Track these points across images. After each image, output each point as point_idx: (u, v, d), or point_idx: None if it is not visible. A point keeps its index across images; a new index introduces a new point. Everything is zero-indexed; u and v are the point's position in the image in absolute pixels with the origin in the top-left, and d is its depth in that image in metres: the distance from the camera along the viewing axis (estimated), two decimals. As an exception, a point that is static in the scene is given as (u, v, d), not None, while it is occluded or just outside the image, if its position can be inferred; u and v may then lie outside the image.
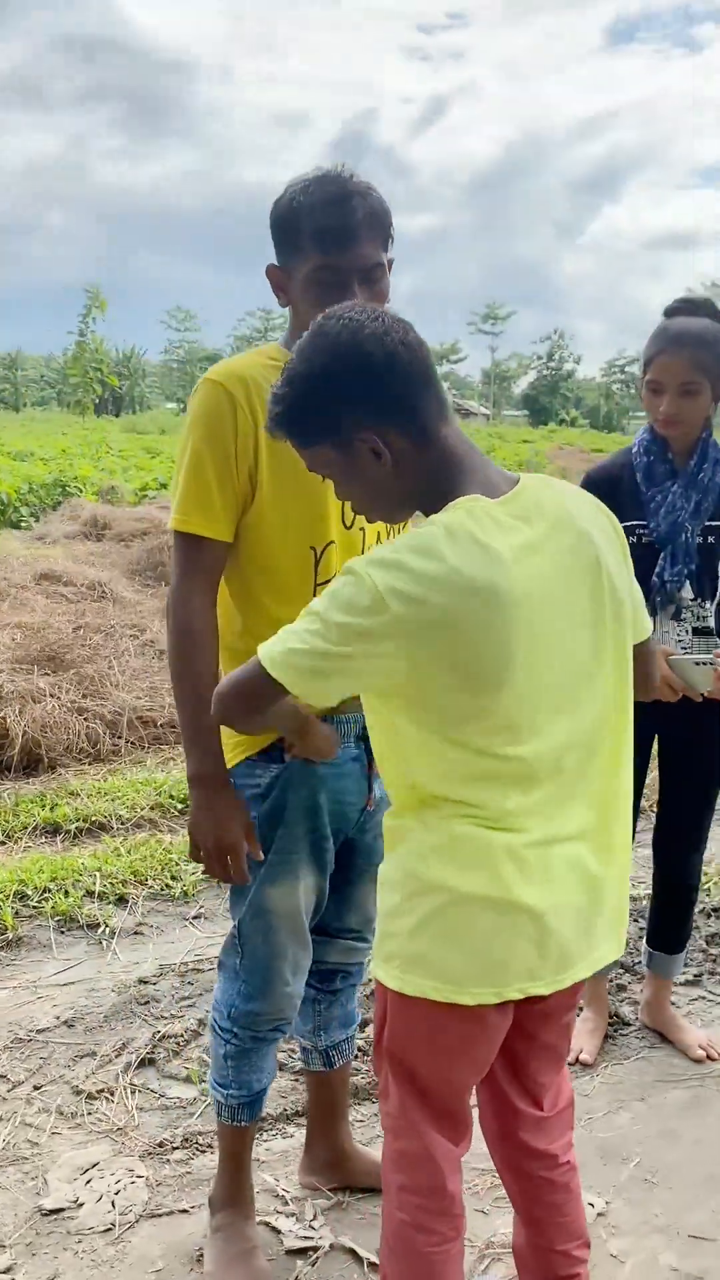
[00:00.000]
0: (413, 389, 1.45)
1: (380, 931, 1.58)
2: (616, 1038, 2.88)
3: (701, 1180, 2.33)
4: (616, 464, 2.64)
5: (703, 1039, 2.80)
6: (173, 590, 1.84)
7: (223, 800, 1.83)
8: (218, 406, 1.80)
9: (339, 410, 1.45)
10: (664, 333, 2.46)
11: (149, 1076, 2.69)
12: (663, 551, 2.54)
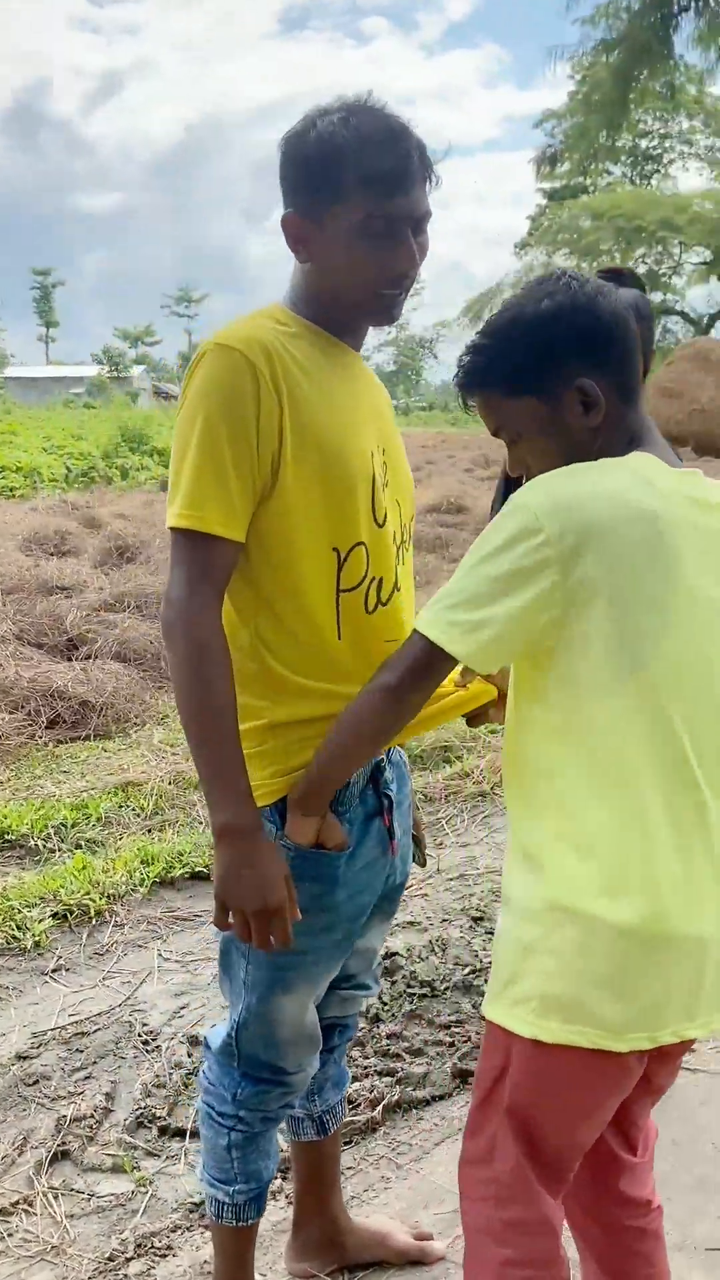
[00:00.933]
0: (630, 350, 1.41)
1: (507, 970, 1.38)
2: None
3: (694, 1186, 2.26)
4: None
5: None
6: (179, 602, 1.48)
7: (264, 853, 1.50)
8: (237, 378, 1.46)
9: (562, 357, 1.38)
10: None
11: (68, 1174, 2.29)
12: None
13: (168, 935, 3.28)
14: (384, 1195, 2.23)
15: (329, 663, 1.57)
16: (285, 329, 1.54)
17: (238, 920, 1.51)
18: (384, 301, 1.58)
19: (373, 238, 1.50)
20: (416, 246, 1.52)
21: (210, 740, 1.48)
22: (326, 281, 1.55)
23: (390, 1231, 2.05)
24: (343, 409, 1.60)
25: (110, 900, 3.42)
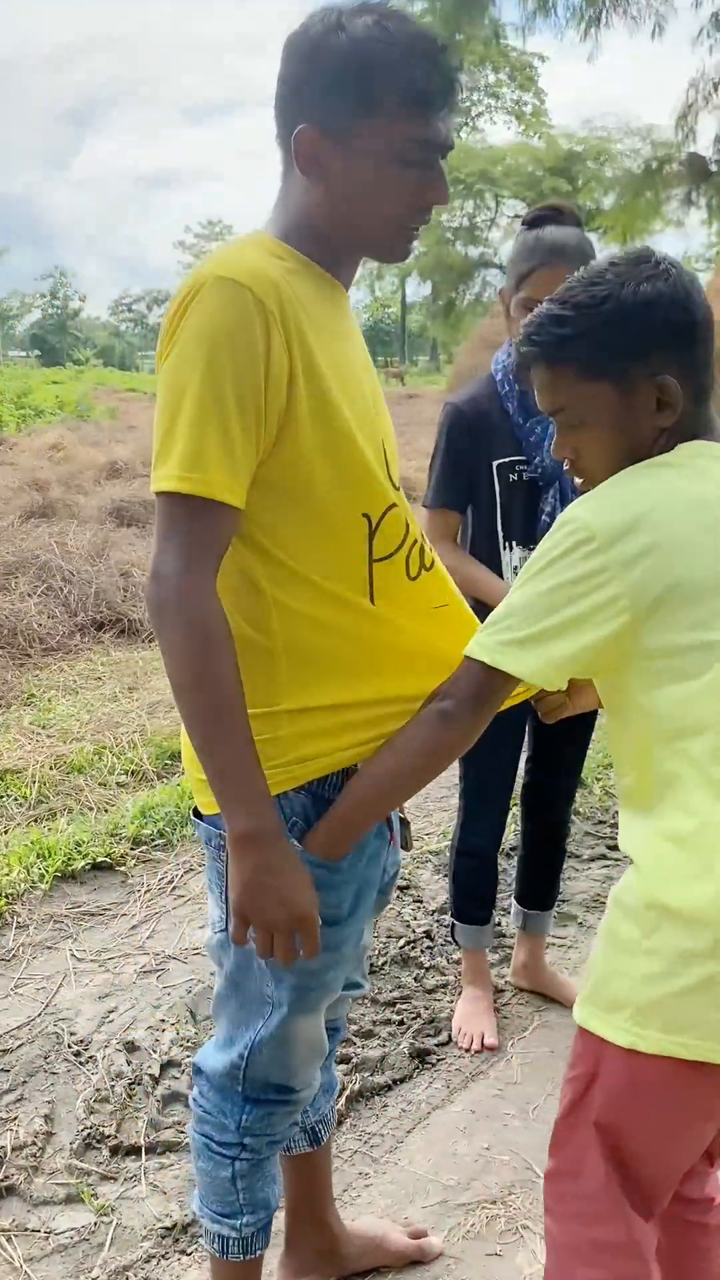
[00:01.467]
0: (711, 350, 1.31)
1: (602, 971, 1.28)
2: (501, 1009, 2.71)
3: (672, 1143, 2.23)
4: (481, 394, 2.37)
5: (588, 990, 2.71)
6: (174, 578, 1.28)
7: (287, 859, 1.34)
8: (244, 318, 1.26)
9: (650, 348, 1.28)
10: (539, 244, 2.22)
11: (18, 1212, 2.07)
12: (548, 489, 2.33)
13: (78, 933, 3.05)
14: (366, 1194, 2.12)
15: (359, 641, 1.41)
16: (284, 264, 1.35)
17: (260, 935, 1.35)
18: (405, 235, 1.42)
19: (408, 163, 1.33)
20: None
21: (220, 737, 1.30)
22: (343, 209, 1.36)
23: (385, 1234, 1.94)
24: (347, 358, 1.43)
25: (8, 900, 3.16)
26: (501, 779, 2.54)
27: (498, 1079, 2.44)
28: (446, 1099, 2.38)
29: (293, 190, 1.40)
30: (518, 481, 2.33)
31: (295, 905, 1.33)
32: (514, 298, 2.26)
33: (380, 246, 1.43)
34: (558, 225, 2.25)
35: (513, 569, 2.35)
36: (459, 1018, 2.61)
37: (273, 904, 1.32)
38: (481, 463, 2.33)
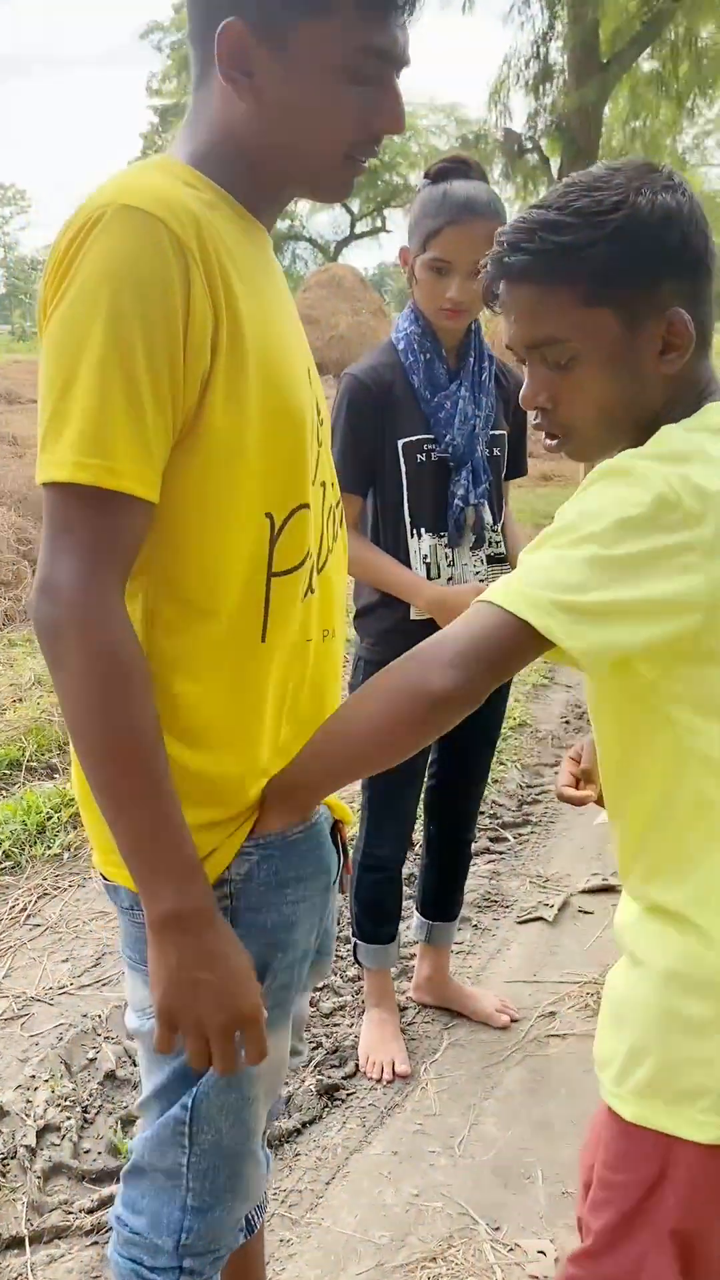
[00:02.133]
0: (712, 285, 1.11)
1: (663, 1058, 1.08)
2: (407, 1030, 2.51)
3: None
4: (384, 364, 2.14)
5: (497, 1001, 2.56)
6: (72, 592, 0.99)
7: (224, 943, 1.07)
8: (159, 258, 0.98)
9: (664, 271, 1.05)
10: (447, 200, 2.00)
11: None
12: (460, 471, 2.12)
13: None
14: (291, 1265, 1.88)
15: (241, 685, 1.14)
16: (199, 194, 1.07)
17: (193, 1042, 1.08)
18: (349, 168, 1.14)
19: (360, 77, 1.07)
20: None
21: (138, 792, 1.03)
22: (275, 129, 1.09)
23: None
24: (275, 315, 1.16)
25: None
26: (410, 784, 2.34)
27: (415, 1111, 2.25)
28: (364, 1140, 2.17)
29: (210, 103, 1.11)
30: (426, 462, 2.11)
31: (237, 1002, 1.07)
32: (420, 258, 2.04)
33: (317, 180, 1.16)
34: (465, 179, 2.04)
35: (422, 558, 2.14)
36: (365, 1045, 2.40)
37: (209, 1004, 1.06)
38: (385, 441, 2.10)
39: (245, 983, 1.08)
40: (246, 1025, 1.09)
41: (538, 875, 3.22)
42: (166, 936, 1.05)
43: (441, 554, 2.14)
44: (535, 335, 1.09)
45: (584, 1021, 2.52)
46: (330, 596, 1.25)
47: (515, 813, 3.63)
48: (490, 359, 2.19)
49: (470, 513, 2.14)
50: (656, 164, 1.09)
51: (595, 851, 3.36)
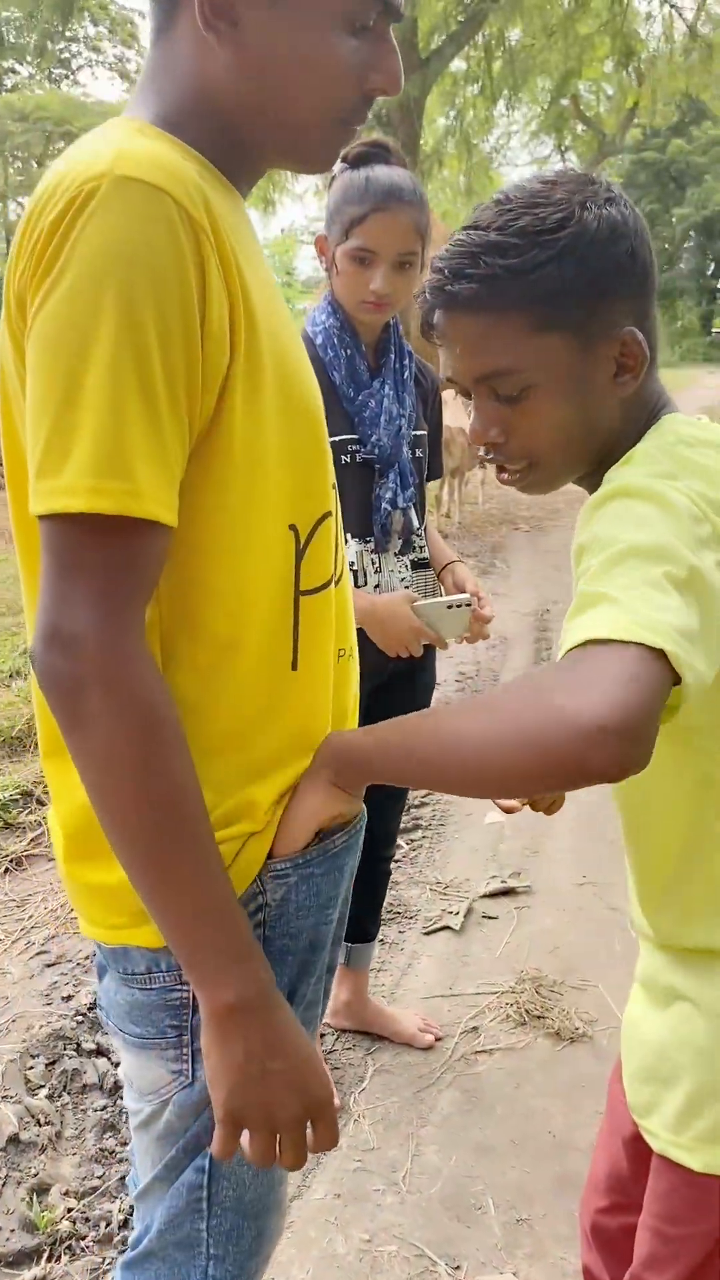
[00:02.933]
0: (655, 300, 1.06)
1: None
2: (329, 1059, 2.40)
3: (557, 1188, 2.05)
4: None
5: (419, 1021, 2.48)
6: (91, 639, 0.83)
7: (290, 1028, 0.94)
8: (169, 237, 0.83)
9: (614, 289, 0.99)
10: (373, 186, 1.88)
11: None
12: (387, 473, 2.02)
13: None
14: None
15: (271, 721, 1.01)
16: (190, 159, 0.92)
17: (263, 1138, 0.95)
18: (340, 134, 1.00)
19: (357, 29, 0.94)
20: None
21: (188, 870, 0.89)
22: (259, 86, 0.93)
23: None
24: (277, 300, 1.03)
25: None
26: None
27: (352, 1147, 2.14)
28: (303, 1185, 2.05)
29: (180, 56, 0.95)
30: (350, 464, 1.99)
31: (312, 1090, 0.94)
32: (341, 247, 1.91)
33: (304, 146, 1.01)
34: (385, 165, 1.93)
35: (348, 565, 2.02)
36: (289, 1079, 2.27)
37: (284, 1097, 0.93)
38: None
39: (316, 1065, 0.96)
40: (321, 1112, 0.96)
41: (436, 882, 3.16)
42: (232, 1028, 0.91)
43: (368, 560, 2.03)
44: (485, 368, 1.01)
45: (507, 1034, 2.47)
46: (346, 612, 1.13)
47: (404, 817, 3.55)
48: (410, 355, 2.10)
49: (397, 517, 2.04)
50: (593, 176, 1.02)
51: (490, 852, 3.33)
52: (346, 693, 1.13)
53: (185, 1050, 1.02)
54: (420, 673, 2.21)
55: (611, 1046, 2.43)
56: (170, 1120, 1.04)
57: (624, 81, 16.97)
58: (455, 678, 5.01)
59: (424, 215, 1.93)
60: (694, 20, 16.25)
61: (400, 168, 1.94)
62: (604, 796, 3.68)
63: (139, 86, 1.00)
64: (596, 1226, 1.32)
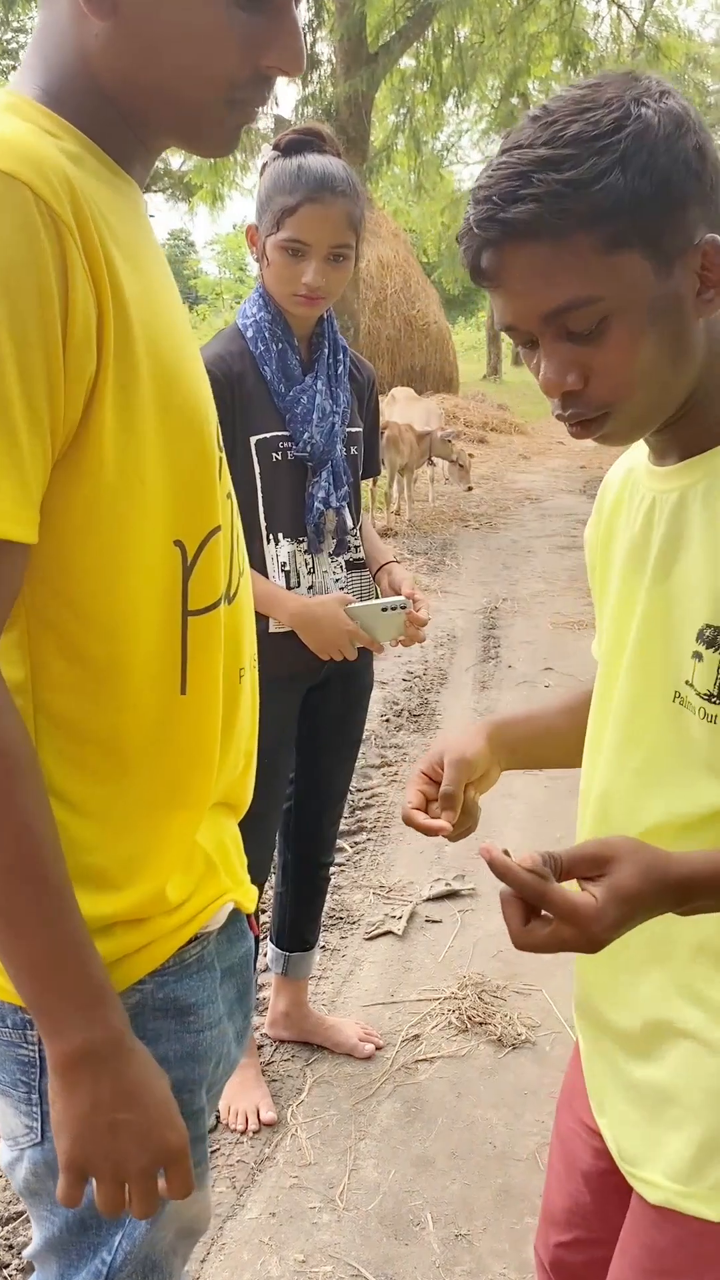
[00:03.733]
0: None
1: None
2: (266, 1072, 2.34)
3: (498, 1201, 2.00)
4: (231, 353, 1.93)
5: (359, 1030, 2.42)
6: None
7: (144, 1071, 0.88)
8: (28, 236, 0.76)
9: (687, 191, 0.85)
10: (305, 175, 1.82)
11: None
12: (320, 471, 1.96)
13: None
14: None
15: (159, 751, 0.94)
16: (62, 145, 0.84)
17: (108, 1188, 0.88)
18: (237, 114, 0.91)
19: (251, 3, 0.85)
20: None
21: (35, 909, 0.82)
22: (140, 59, 0.85)
23: None
24: (162, 296, 0.93)
25: None
26: (271, 812, 2.15)
27: (288, 1163, 2.08)
28: (236, 1204, 1.98)
29: (61, 18, 0.86)
30: (282, 462, 1.93)
31: (165, 1139, 0.88)
32: (272, 238, 1.85)
33: (192, 126, 0.92)
34: (319, 153, 1.86)
35: (280, 566, 1.96)
36: (225, 1094, 2.21)
37: (131, 1147, 0.86)
38: (236, 438, 1.90)
39: (170, 1114, 0.89)
40: (173, 1162, 0.89)
41: (380, 885, 3.10)
42: (78, 1076, 0.85)
43: (301, 561, 1.97)
44: (554, 301, 0.86)
45: (449, 1042, 2.43)
46: (243, 629, 1.06)
47: (349, 820, 3.50)
48: (344, 350, 2.04)
49: (331, 516, 1.98)
50: (636, 71, 0.89)
51: (434, 855, 3.28)
52: (244, 713, 1.06)
53: (35, 1109, 0.96)
54: (356, 676, 2.15)
55: (554, 1052, 2.40)
56: (28, 1176, 0.98)
57: (573, 80, 17.04)
58: (403, 677, 4.96)
59: (358, 207, 1.87)
60: (641, 22, 16.38)
61: (334, 157, 1.88)
62: (551, 795, 3.67)
63: (28, 50, 0.93)
64: (558, 1261, 1.25)
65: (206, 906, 1.02)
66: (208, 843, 1.03)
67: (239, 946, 1.13)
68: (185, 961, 1.00)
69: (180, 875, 0.98)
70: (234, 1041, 1.12)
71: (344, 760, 2.27)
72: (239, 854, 1.12)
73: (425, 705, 4.61)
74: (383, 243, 17.43)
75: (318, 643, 1.93)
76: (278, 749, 2.10)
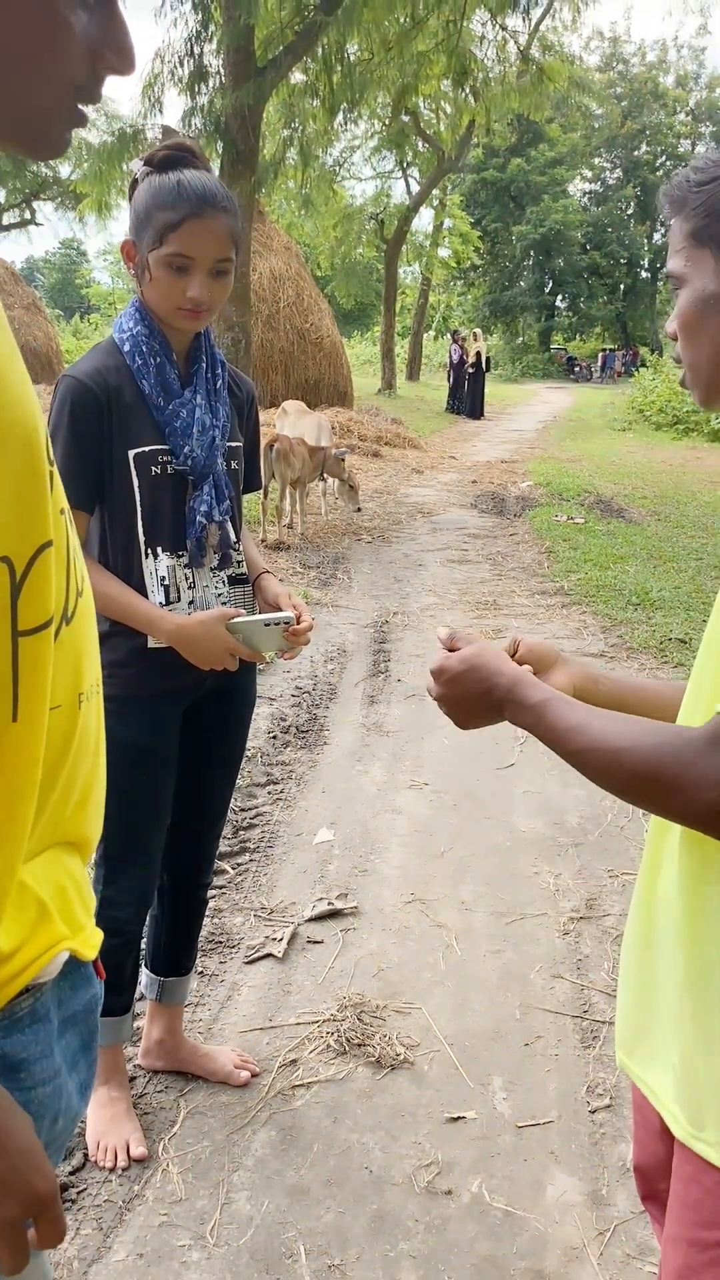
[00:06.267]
0: None
1: None
2: (139, 1105, 2.27)
3: (372, 1228, 1.97)
4: (108, 367, 1.89)
5: (234, 1057, 2.37)
6: None
7: (3, 1124, 0.84)
8: None
9: None
10: (184, 191, 1.79)
11: None
12: (202, 484, 1.93)
13: None
14: None
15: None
16: None
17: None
18: (68, 115, 0.88)
19: (88, 2, 0.84)
20: None
21: None
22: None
23: None
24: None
25: None
26: (154, 828, 2.09)
27: (158, 1199, 2.02)
28: (102, 1245, 1.91)
29: None
30: (161, 475, 1.89)
31: (28, 1187, 0.83)
32: (155, 253, 1.81)
33: (31, 127, 0.89)
34: (192, 169, 1.83)
35: (159, 580, 1.91)
36: (94, 1129, 2.14)
37: (9, 1187, 0.82)
38: (114, 451, 1.86)
39: (36, 1160, 0.84)
40: (43, 1209, 0.85)
41: (261, 907, 3.05)
42: None
43: (181, 575, 1.93)
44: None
45: (326, 1065, 2.40)
46: (84, 652, 1.01)
47: (231, 840, 3.44)
48: (222, 365, 2.01)
49: (213, 530, 1.95)
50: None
51: (318, 874, 3.25)
52: (87, 741, 1.02)
53: None
54: (239, 690, 2.12)
55: (433, 1072, 2.39)
56: None
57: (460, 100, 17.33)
58: (292, 693, 4.92)
59: (238, 222, 1.85)
60: (526, 45, 16.75)
61: (206, 172, 1.85)
62: (434, 811, 3.68)
63: None
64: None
65: (39, 957, 0.97)
66: (42, 886, 0.97)
67: (82, 994, 1.07)
68: (16, 1015, 0.95)
69: (10, 922, 0.93)
70: (76, 1094, 1.07)
71: (226, 777, 2.22)
72: (81, 896, 1.06)
73: (314, 721, 4.58)
74: (275, 255, 17.42)
75: (197, 658, 1.90)
76: (159, 766, 2.05)
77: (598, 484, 12.30)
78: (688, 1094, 1.05)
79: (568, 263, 44.88)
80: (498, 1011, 2.61)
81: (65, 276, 67.87)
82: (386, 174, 27.79)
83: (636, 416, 22.22)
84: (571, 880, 3.25)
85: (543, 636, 5.93)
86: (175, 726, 2.07)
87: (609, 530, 9.23)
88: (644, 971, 1.15)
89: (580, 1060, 2.44)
